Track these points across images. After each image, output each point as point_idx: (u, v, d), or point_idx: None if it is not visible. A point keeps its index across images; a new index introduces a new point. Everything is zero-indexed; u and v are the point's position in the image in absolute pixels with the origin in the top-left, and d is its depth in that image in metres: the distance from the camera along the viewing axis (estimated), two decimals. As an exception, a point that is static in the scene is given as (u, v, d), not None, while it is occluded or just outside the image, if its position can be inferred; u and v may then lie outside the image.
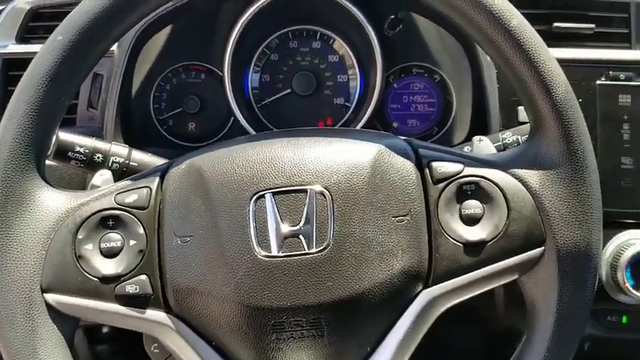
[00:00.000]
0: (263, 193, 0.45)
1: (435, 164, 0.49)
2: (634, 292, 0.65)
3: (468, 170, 0.48)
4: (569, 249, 0.47)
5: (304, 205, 0.45)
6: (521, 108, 0.71)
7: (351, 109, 0.81)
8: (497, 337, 0.85)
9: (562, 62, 0.70)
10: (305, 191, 0.46)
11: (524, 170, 0.48)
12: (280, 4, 0.73)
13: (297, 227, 0.45)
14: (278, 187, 0.46)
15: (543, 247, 0.47)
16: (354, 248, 0.45)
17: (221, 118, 0.78)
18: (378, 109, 0.80)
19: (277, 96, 0.79)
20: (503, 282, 0.48)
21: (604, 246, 0.68)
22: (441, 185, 0.48)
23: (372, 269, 0.45)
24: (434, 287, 0.47)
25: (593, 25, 0.73)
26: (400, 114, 0.82)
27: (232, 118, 0.77)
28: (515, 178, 0.48)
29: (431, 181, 0.48)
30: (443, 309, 0.49)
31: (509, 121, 0.71)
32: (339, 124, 0.81)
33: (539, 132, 0.49)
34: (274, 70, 0.80)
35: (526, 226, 0.47)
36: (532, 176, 0.48)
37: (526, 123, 0.58)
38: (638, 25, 0.74)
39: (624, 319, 0.71)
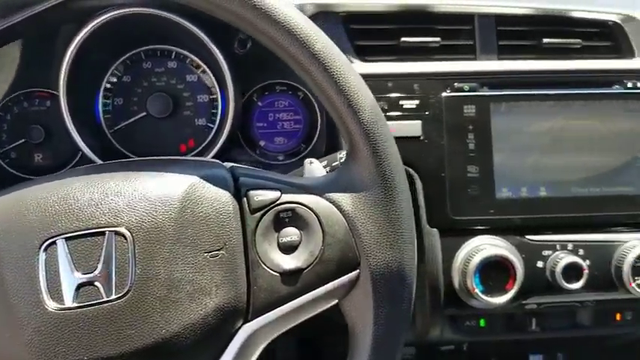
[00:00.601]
0: (54, 239, 0.43)
1: (252, 193, 0.48)
2: (483, 297, 0.67)
3: (285, 197, 0.48)
4: (382, 270, 0.47)
5: (101, 249, 0.43)
6: None
7: (214, 130, 0.79)
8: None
9: (411, 76, 0.73)
10: (103, 234, 0.43)
11: (338, 194, 0.48)
12: (121, 25, 0.70)
13: (93, 274, 0.43)
14: (72, 232, 0.43)
15: (358, 271, 0.47)
16: (159, 291, 0.43)
17: (70, 147, 0.74)
18: (244, 128, 0.80)
19: (131, 120, 0.76)
20: (323, 308, 0.48)
21: (455, 253, 0.70)
22: (258, 214, 0.47)
23: (182, 311, 0.44)
24: (254, 321, 0.46)
25: (439, 39, 0.75)
26: (267, 132, 0.81)
27: (82, 146, 0.73)
28: (330, 202, 0.48)
29: (248, 210, 0.47)
30: (266, 342, 0.48)
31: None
32: (202, 145, 0.79)
33: (352, 154, 0.49)
34: (127, 93, 0.77)
35: (340, 250, 0.47)
36: (346, 199, 0.48)
37: None
38: (482, 37, 0.76)
39: (482, 323, 0.74)
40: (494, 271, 0.68)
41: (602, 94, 0.73)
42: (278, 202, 0.47)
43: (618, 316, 0.75)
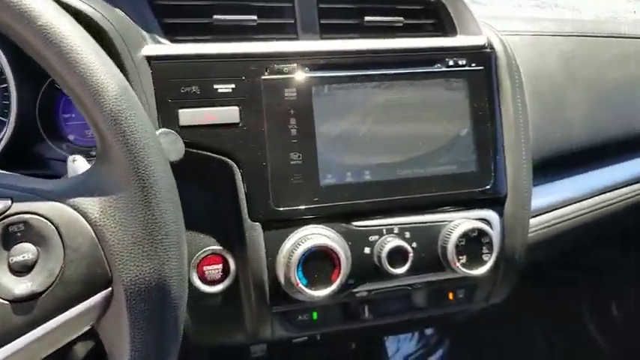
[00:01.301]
0: None
1: None
2: (307, 290, 0.64)
3: (17, 206, 0.40)
4: (138, 286, 0.41)
5: None
6: None
7: (7, 124, 0.68)
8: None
9: (226, 57, 0.67)
10: None
11: (84, 198, 0.41)
12: None
13: None
14: None
15: (111, 288, 0.41)
16: None
17: None
18: (49, 120, 0.70)
19: None
20: (73, 336, 0.41)
21: (280, 246, 0.66)
22: None
23: None
24: None
25: (255, 17, 0.70)
26: (75, 124, 0.72)
27: None
28: (74, 209, 0.41)
29: None
30: None
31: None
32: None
33: (101, 150, 0.42)
34: None
35: (86, 267, 0.40)
36: (93, 205, 0.41)
37: None
38: (303, 15, 0.72)
39: (314, 316, 0.70)
40: (319, 262, 0.65)
41: (424, 73, 0.72)
42: (7, 212, 0.39)
43: (451, 296, 0.76)
